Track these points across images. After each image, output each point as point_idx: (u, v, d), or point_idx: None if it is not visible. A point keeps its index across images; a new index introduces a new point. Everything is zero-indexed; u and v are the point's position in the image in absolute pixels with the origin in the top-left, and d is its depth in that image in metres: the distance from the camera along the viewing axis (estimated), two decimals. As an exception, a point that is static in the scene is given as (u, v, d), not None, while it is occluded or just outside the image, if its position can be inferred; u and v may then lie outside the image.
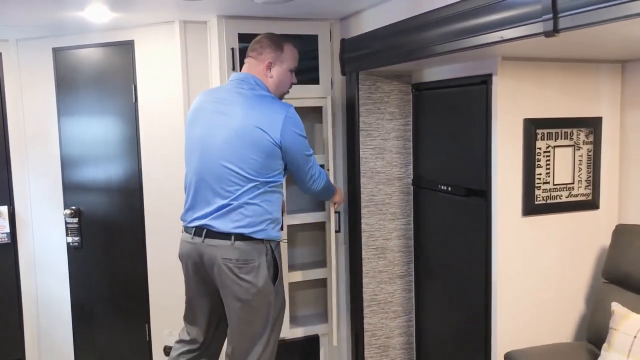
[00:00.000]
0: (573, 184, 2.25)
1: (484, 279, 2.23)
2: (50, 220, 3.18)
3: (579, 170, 2.26)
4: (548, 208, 2.21)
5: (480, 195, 2.23)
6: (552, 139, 2.20)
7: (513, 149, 2.14)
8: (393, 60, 2.29)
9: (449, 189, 2.46)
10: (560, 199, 2.24)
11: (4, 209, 3.15)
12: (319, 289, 3.07)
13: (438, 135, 2.56)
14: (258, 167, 2.14)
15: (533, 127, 2.14)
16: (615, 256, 2.15)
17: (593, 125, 2.26)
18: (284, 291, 2.34)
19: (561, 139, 2.21)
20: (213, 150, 2.17)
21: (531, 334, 2.22)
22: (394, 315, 2.87)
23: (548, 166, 2.20)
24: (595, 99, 2.26)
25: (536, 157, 2.17)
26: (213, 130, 2.19)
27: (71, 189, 3.13)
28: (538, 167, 2.18)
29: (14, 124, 3.14)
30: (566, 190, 2.24)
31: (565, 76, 2.19)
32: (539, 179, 2.19)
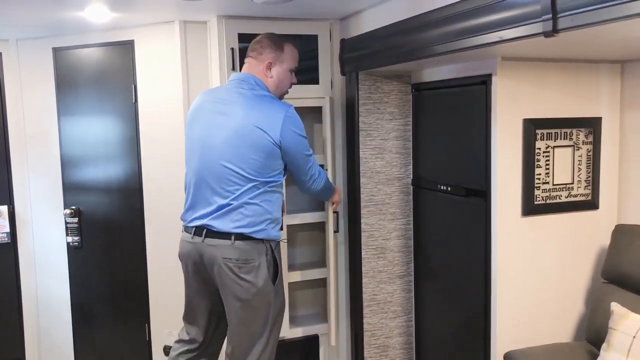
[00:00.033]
0: (572, 184, 2.25)
1: (484, 279, 2.23)
2: (50, 220, 3.18)
3: (579, 171, 2.26)
4: (547, 208, 2.21)
5: (480, 195, 2.23)
6: (552, 139, 2.20)
7: (513, 149, 2.14)
8: (393, 61, 2.29)
9: (449, 189, 2.46)
10: (559, 199, 2.24)
11: (4, 209, 3.15)
12: (318, 288, 3.07)
13: (438, 136, 2.56)
14: (258, 167, 2.15)
15: (533, 127, 2.15)
16: (614, 256, 2.15)
17: (592, 126, 2.26)
18: (283, 291, 2.34)
19: (561, 139, 2.21)
20: (213, 150, 2.18)
21: (530, 334, 2.22)
22: (394, 315, 2.87)
23: (547, 166, 2.20)
24: (595, 99, 2.26)
25: (536, 157, 2.17)
26: (213, 130, 2.20)
27: (71, 188, 3.13)
28: (538, 167, 2.18)
29: (14, 123, 3.14)
30: (566, 190, 2.25)
31: (564, 76, 2.19)
32: (539, 179, 2.19)
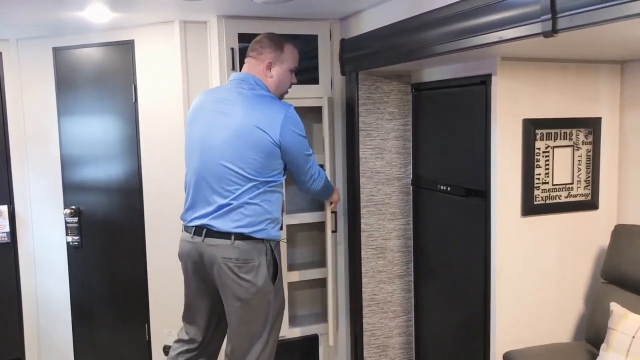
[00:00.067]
0: (572, 184, 2.26)
1: (483, 279, 2.23)
2: (50, 220, 3.18)
3: (578, 171, 2.26)
4: (547, 208, 2.22)
5: (480, 195, 2.23)
6: (552, 139, 2.20)
7: (512, 149, 2.14)
8: (393, 60, 2.29)
9: (449, 189, 2.46)
10: (559, 199, 2.24)
11: (4, 209, 3.15)
12: (318, 288, 3.07)
13: (437, 136, 2.56)
14: (258, 167, 2.15)
15: (532, 128, 2.15)
16: (614, 256, 2.15)
17: (592, 126, 2.26)
18: (283, 291, 2.34)
19: (560, 139, 2.21)
20: (213, 150, 2.18)
21: (530, 334, 2.22)
22: (393, 315, 2.87)
23: (547, 166, 2.20)
24: (595, 99, 2.26)
25: (535, 158, 2.17)
26: (213, 130, 2.20)
27: (71, 188, 3.13)
28: (537, 168, 2.18)
29: (14, 123, 3.14)
30: (565, 190, 2.25)
31: (564, 76, 2.19)
32: (538, 179, 2.19)
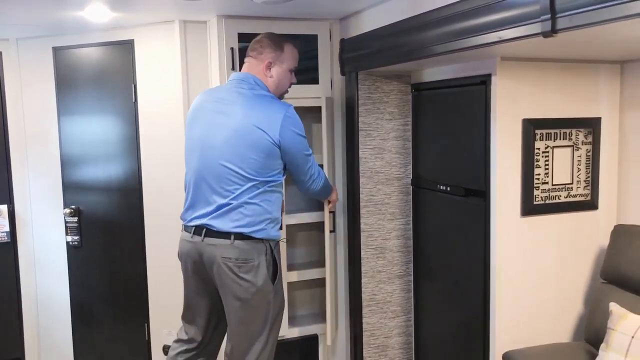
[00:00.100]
0: (572, 184, 2.26)
1: (483, 279, 2.23)
2: (50, 220, 3.18)
3: (578, 171, 2.26)
4: (547, 208, 2.22)
5: (479, 195, 2.24)
6: (551, 140, 2.20)
7: (512, 149, 2.14)
8: (392, 60, 2.29)
9: (448, 189, 2.46)
10: (559, 199, 2.24)
11: (3, 208, 3.15)
12: (318, 288, 3.07)
13: (437, 136, 2.56)
14: (258, 167, 2.15)
15: (532, 128, 2.15)
16: (613, 256, 2.16)
17: (592, 126, 2.26)
18: (283, 290, 2.34)
19: (560, 140, 2.22)
20: (213, 149, 2.18)
21: (530, 334, 2.22)
22: (393, 315, 2.87)
23: (547, 166, 2.20)
24: (594, 99, 2.26)
25: (535, 158, 2.17)
26: (213, 130, 2.20)
27: (71, 188, 3.13)
28: (537, 168, 2.18)
29: (14, 123, 3.14)
30: (565, 190, 2.25)
31: (564, 76, 2.19)
32: (538, 179, 2.19)
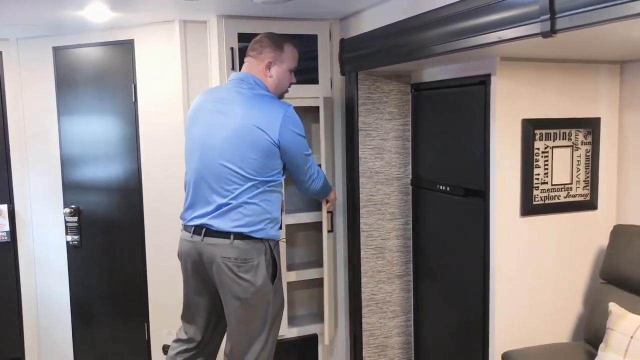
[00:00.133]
0: (571, 184, 2.26)
1: (482, 279, 2.23)
2: (49, 219, 3.18)
3: (577, 171, 2.26)
4: (546, 208, 2.22)
5: (479, 195, 2.24)
6: (551, 140, 2.20)
7: (511, 149, 2.14)
8: (392, 60, 2.29)
9: (448, 189, 2.46)
10: (558, 199, 2.24)
11: (3, 208, 3.15)
12: (317, 288, 3.07)
13: (437, 136, 2.57)
14: (257, 167, 2.15)
15: (531, 128, 2.15)
16: (613, 257, 2.16)
17: (591, 126, 2.26)
18: (282, 290, 2.34)
19: (559, 140, 2.22)
20: (213, 149, 2.18)
21: (529, 334, 2.22)
22: (392, 315, 2.87)
23: (546, 166, 2.20)
24: (594, 99, 2.26)
25: (534, 158, 2.17)
26: (213, 130, 2.20)
27: (71, 187, 3.13)
28: (536, 168, 2.18)
29: (14, 122, 3.14)
30: (564, 190, 2.25)
31: (563, 77, 2.19)
32: (537, 179, 2.19)
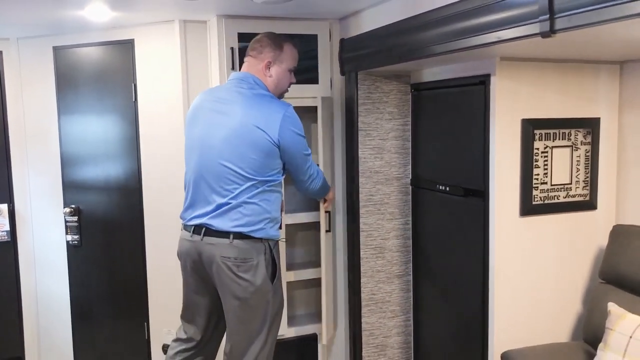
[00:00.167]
0: (571, 184, 2.26)
1: (482, 279, 2.24)
2: (50, 219, 3.19)
3: (577, 171, 2.26)
4: (546, 208, 2.22)
5: (478, 195, 2.24)
6: (550, 140, 2.20)
7: (511, 149, 2.14)
8: (392, 60, 2.29)
9: (447, 189, 2.46)
10: (558, 199, 2.24)
11: (3, 207, 3.15)
12: (317, 288, 3.06)
13: (437, 136, 2.57)
14: (257, 166, 2.15)
15: (531, 128, 2.15)
16: (612, 257, 2.16)
17: (591, 126, 2.27)
18: (282, 290, 2.34)
19: (559, 140, 2.22)
20: (212, 149, 2.18)
21: (528, 334, 2.23)
22: (392, 315, 2.88)
23: (546, 166, 2.21)
24: (594, 99, 2.27)
25: (534, 158, 2.17)
26: (212, 130, 2.20)
27: (71, 187, 3.13)
28: (536, 168, 2.19)
29: (14, 122, 3.14)
30: (564, 190, 2.25)
31: (563, 77, 2.20)
32: (537, 179, 2.19)
